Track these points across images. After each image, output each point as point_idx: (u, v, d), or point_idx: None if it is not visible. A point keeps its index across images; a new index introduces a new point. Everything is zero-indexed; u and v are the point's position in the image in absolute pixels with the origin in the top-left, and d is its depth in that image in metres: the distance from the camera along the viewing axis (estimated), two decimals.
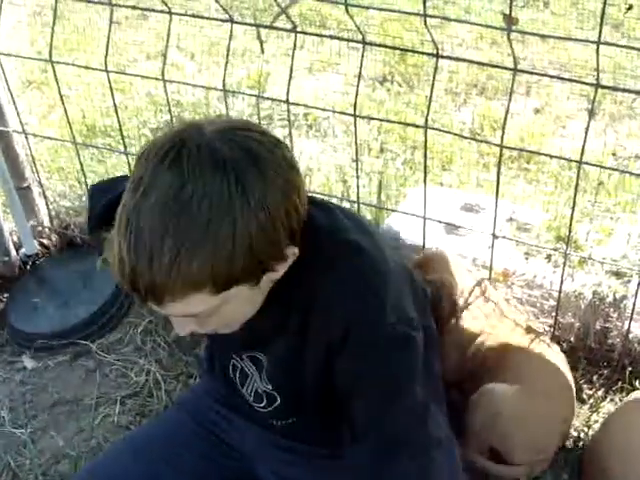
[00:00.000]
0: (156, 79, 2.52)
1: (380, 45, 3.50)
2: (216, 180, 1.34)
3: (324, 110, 2.44)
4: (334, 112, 2.88)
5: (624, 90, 3.13)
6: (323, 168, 3.28)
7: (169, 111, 2.69)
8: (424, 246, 2.52)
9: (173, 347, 2.71)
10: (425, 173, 2.35)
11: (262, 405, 1.80)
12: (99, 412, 2.56)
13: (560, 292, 2.41)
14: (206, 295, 1.39)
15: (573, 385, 2.31)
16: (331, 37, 3.97)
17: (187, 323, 1.51)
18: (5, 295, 2.98)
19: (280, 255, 1.45)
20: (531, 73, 2.20)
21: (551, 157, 3.15)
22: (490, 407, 2.18)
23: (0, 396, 2.65)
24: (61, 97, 2.69)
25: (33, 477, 2.39)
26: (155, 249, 1.33)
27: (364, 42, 2.25)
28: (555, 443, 2.25)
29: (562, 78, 2.88)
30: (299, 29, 2.31)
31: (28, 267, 3.03)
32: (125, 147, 2.77)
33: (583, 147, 2.09)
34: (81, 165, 2.88)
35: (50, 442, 2.49)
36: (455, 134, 2.82)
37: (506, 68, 2.11)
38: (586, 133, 2.02)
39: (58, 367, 2.73)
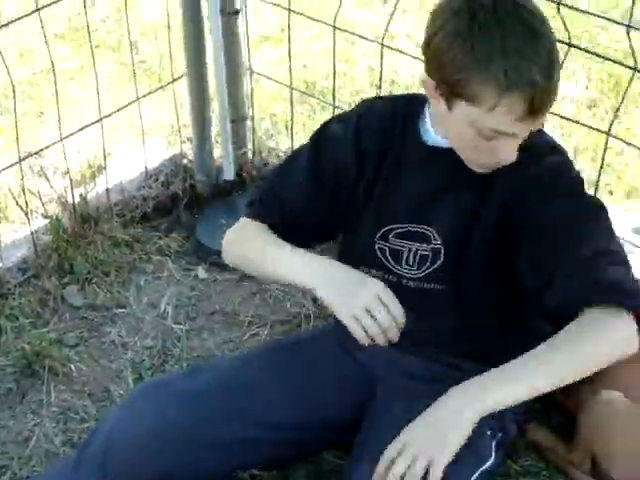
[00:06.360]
0: (376, 42, 2.67)
1: None
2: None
3: None
4: None
5: None
6: None
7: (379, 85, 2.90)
8: None
9: None
10: None
11: (424, 268, 1.95)
12: (250, 329, 2.76)
13: None
14: None
15: None
16: None
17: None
18: (198, 212, 3.23)
19: None
20: None
21: None
22: (602, 415, 2.21)
23: (169, 295, 2.89)
24: (289, 44, 2.90)
25: (179, 365, 2.63)
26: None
27: None
28: None
29: None
30: None
31: (223, 192, 3.27)
32: (334, 102, 2.97)
33: None
34: (292, 111, 3.11)
35: (201, 343, 2.72)
36: None
37: None
38: None
39: (225, 282, 2.94)
